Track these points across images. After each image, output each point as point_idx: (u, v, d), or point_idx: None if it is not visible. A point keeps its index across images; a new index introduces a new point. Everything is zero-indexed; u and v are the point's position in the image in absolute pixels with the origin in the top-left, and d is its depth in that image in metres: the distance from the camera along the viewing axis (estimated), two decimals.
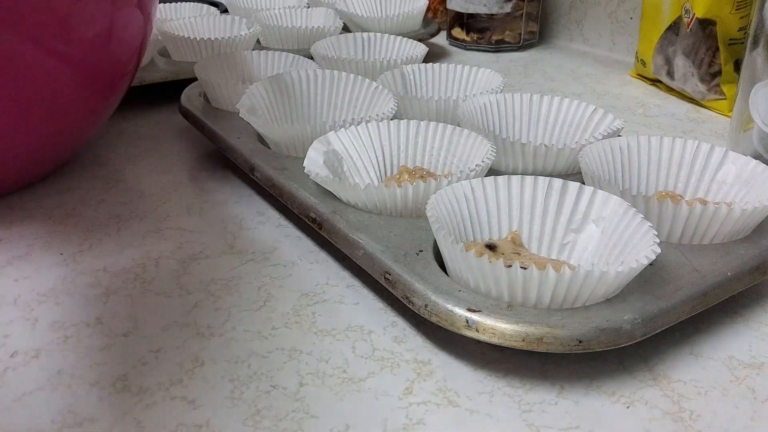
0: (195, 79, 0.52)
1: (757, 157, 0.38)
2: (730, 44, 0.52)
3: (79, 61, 0.35)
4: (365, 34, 0.56)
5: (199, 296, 0.30)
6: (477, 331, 0.24)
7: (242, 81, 0.49)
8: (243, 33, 0.57)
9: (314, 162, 0.33)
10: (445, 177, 0.31)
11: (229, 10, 0.71)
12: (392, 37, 0.56)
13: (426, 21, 0.71)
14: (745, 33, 0.52)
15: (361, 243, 0.29)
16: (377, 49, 0.56)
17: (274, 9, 0.65)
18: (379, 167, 0.36)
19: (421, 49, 0.53)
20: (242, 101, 0.39)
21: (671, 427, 0.23)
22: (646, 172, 0.34)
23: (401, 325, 0.28)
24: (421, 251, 0.29)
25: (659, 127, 0.51)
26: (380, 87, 0.42)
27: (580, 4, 0.73)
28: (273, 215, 0.38)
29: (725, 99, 0.53)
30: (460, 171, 0.31)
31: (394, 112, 0.39)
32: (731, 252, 0.29)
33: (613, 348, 0.24)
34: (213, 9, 0.70)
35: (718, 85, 0.53)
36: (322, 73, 0.43)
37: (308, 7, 0.68)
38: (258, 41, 0.62)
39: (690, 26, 0.53)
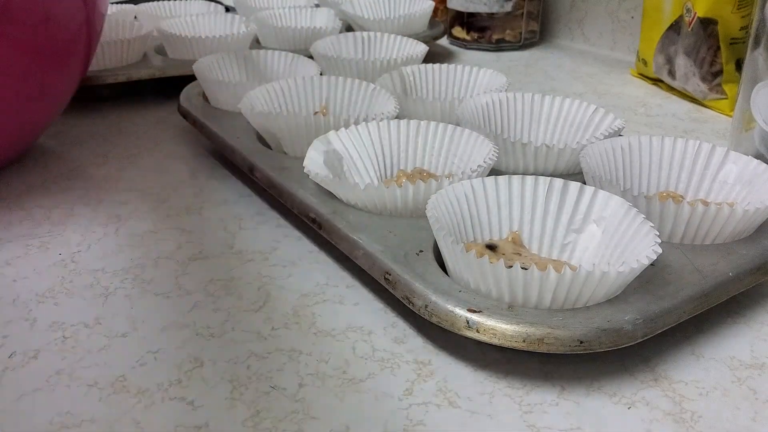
0: (185, 77, 0.52)
1: (759, 157, 0.38)
2: (731, 44, 0.52)
3: (17, 39, 0.35)
4: (365, 34, 0.56)
5: (198, 296, 0.30)
6: (478, 331, 0.24)
7: (242, 81, 0.49)
8: (235, 32, 0.57)
9: (314, 162, 0.33)
10: (447, 178, 0.31)
11: (237, 9, 0.71)
12: (392, 36, 0.56)
13: (432, 22, 0.71)
14: (747, 32, 0.52)
15: (361, 243, 0.29)
16: (377, 48, 0.56)
17: (275, 9, 0.65)
18: (379, 167, 0.36)
19: (421, 48, 0.53)
20: (243, 102, 0.39)
21: (672, 428, 0.23)
22: (647, 172, 0.34)
23: (401, 326, 0.28)
24: (421, 251, 0.28)
25: (660, 126, 0.51)
26: (378, 88, 0.42)
27: (581, 3, 0.73)
28: (273, 215, 0.38)
29: (727, 98, 0.53)
30: (462, 172, 0.31)
31: (396, 111, 0.39)
32: (733, 252, 0.29)
33: (614, 348, 0.24)
34: (220, 7, 0.70)
35: (719, 85, 0.53)
36: (319, 78, 0.43)
37: (316, 7, 0.67)
38: (258, 41, 0.62)
39: (691, 25, 0.53)
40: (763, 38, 0.40)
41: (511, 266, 0.24)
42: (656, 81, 0.60)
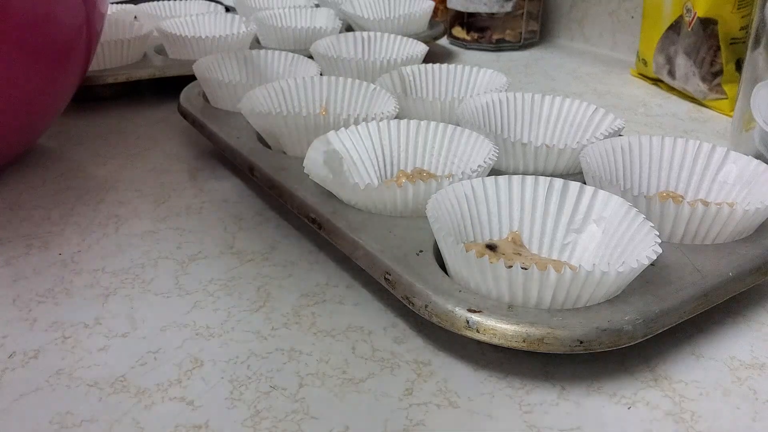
0: (185, 77, 0.52)
1: (759, 156, 0.38)
2: (731, 43, 0.52)
3: (18, 39, 0.35)
4: (365, 33, 0.56)
5: (198, 296, 0.30)
6: (478, 331, 0.24)
7: (242, 81, 0.49)
8: (235, 32, 0.57)
9: (314, 162, 0.33)
10: (447, 178, 0.31)
11: (237, 9, 0.71)
12: (392, 36, 0.56)
13: (432, 23, 0.71)
14: (747, 32, 0.52)
15: (361, 243, 0.29)
16: (377, 48, 0.56)
17: (275, 9, 0.65)
18: (379, 167, 0.36)
19: (422, 48, 0.53)
20: (243, 102, 0.39)
21: (672, 428, 0.23)
22: (647, 172, 0.34)
23: (401, 326, 0.28)
24: (421, 251, 0.28)
25: (660, 126, 0.51)
26: (378, 88, 0.42)
27: (581, 3, 0.73)
28: (273, 215, 0.38)
29: (727, 98, 0.53)
30: (462, 172, 0.31)
31: (396, 111, 0.39)
32: (733, 252, 0.29)
33: (614, 348, 0.24)
34: (220, 7, 0.70)
35: (719, 85, 0.53)
36: (319, 78, 0.43)
37: (316, 7, 0.67)
38: (258, 41, 0.62)
39: (691, 25, 0.53)
40: (763, 38, 0.40)
41: (511, 266, 0.24)
42: (656, 81, 0.60)
